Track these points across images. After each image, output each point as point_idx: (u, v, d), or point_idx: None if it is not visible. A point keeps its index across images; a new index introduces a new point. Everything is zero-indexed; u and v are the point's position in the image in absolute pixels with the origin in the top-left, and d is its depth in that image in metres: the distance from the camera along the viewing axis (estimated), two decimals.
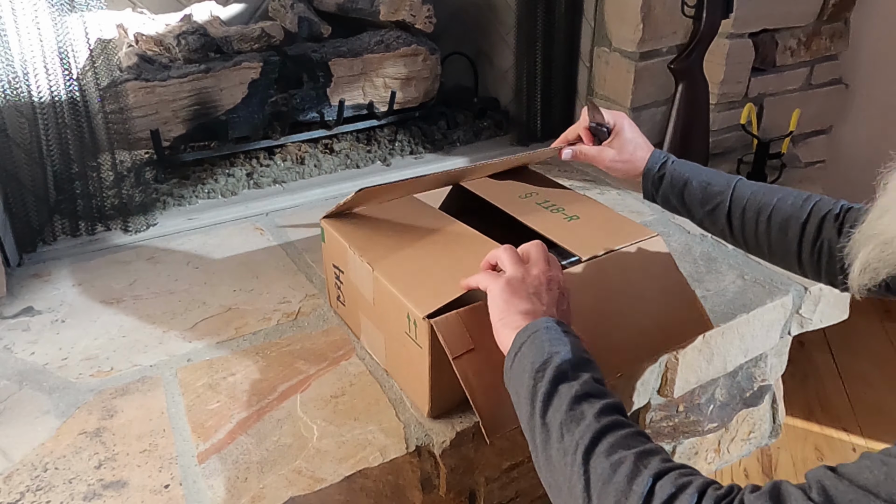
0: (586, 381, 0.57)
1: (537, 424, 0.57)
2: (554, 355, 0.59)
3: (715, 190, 0.84)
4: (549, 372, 0.58)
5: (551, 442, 0.55)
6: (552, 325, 0.62)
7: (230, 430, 0.76)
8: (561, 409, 0.55)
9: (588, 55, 1.52)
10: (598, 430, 0.52)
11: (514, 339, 0.63)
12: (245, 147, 1.38)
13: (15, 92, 1.02)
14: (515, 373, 0.61)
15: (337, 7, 1.57)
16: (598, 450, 0.52)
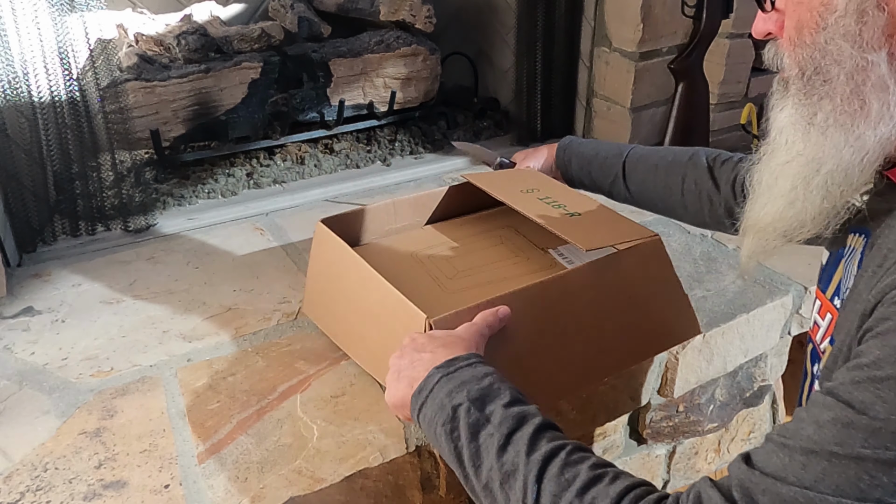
0: (500, 417, 0.55)
1: (478, 489, 0.55)
2: (457, 408, 0.56)
3: (611, 162, 0.93)
4: (463, 430, 0.55)
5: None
6: (442, 375, 0.59)
7: (230, 430, 0.76)
8: (492, 468, 0.53)
9: (588, 55, 1.52)
10: (534, 478, 0.51)
11: (411, 404, 0.61)
12: (245, 147, 1.38)
13: (15, 92, 1.02)
14: (431, 438, 0.59)
15: (337, 7, 1.57)
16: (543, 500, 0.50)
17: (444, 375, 0.59)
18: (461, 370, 0.59)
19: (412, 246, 0.96)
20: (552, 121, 1.57)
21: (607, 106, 1.51)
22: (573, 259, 0.92)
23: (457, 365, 0.60)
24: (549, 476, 0.51)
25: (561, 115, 1.58)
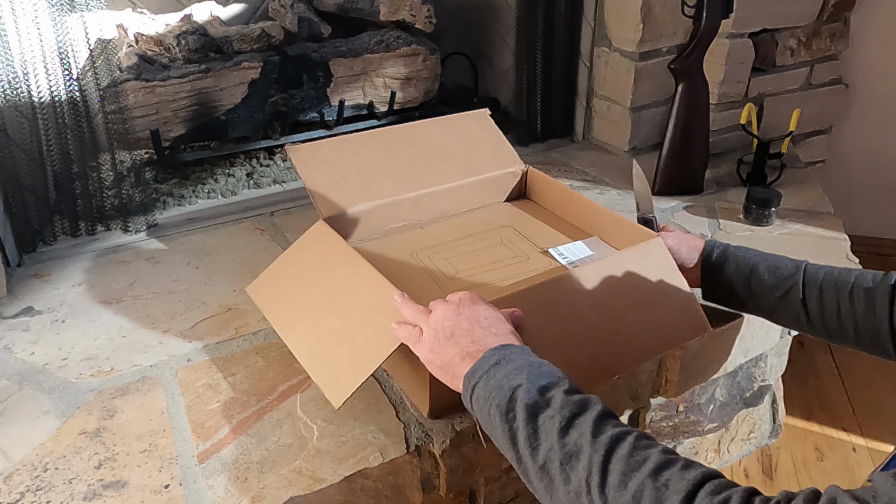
0: (561, 402, 0.54)
1: (531, 470, 0.53)
2: (516, 389, 0.56)
3: (785, 273, 0.78)
4: (520, 411, 0.54)
5: (556, 485, 0.52)
6: (500, 358, 0.59)
7: (230, 430, 0.76)
8: (553, 448, 0.52)
9: (588, 55, 1.52)
10: (602, 458, 0.50)
11: (464, 381, 0.60)
12: (245, 147, 1.38)
13: (15, 92, 1.02)
14: (482, 418, 0.58)
15: (337, 7, 1.57)
16: (610, 482, 0.49)
17: (503, 358, 0.59)
18: (519, 355, 0.59)
19: (412, 246, 0.96)
20: (552, 121, 1.57)
21: (607, 106, 1.51)
22: (573, 259, 0.92)
23: (514, 350, 0.60)
24: (617, 457, 0.50)
25: (561, 115, 1.58)
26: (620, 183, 1.37)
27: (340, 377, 0.71)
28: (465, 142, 1.05)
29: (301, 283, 0.85)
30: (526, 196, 1.10)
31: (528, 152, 1.53)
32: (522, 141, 1.56)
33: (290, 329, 0.81)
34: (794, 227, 1.19)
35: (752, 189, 1.20)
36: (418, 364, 0.74)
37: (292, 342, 0.80)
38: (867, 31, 1.59)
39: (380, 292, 0.76)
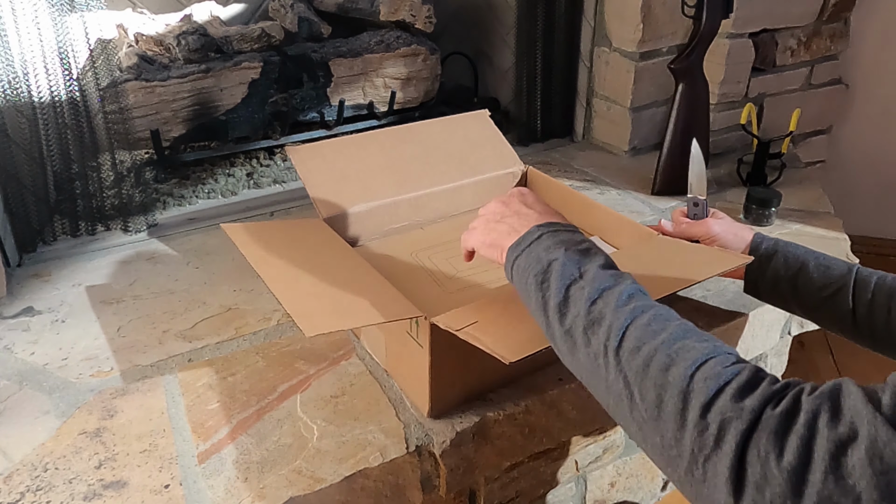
0: (594, 275, 0.56)
1: (557, 334, 0.56)
2: (553, 262, 0.58)
3: (835, 273, 0.76)
4: (554, 280, 0.57)
5: (578, 348, 0.54)
6: (543, 232, 0.62)
7: (230, 430, 0.76)
8: (579, 314, 0.54)
9: (588, 55, 1.52)
10: (621, 325, 0.51)
11: (506, 255, 0.64)
12: (245, 147, 1.38)
13: (15, 92, 1.02)
14: (520, 288, 0.62)
15: (337, 7, 1.57)
16: (627, 345, 0.50)
17: (546, 233, 0.62)
18: (562, 232, 0.62)
19: (412, 246, 0.96)
20: (552, 121, 1.57)
21: (607, 106, 1.51)
22: None
23: (558, 227, 0.63)
24: (636, 325, 0.51)
25: (561, 115, 1.58)
26: (620, 183, 1.37)
27: (319, 316, 0.68)
28: (465, 142, 1.05)
29: (289, 244, 0.83)
30: None
31: (528, 152, 1.53)
32: (522, 141, 1.56)
33: (268, 267, 0.77)
34: (794, 227, 1.19)
35: (752, 189, 1.20)
36: (418, 364, 0.74)
37: (269, 278, 0.75)
38: (867, 31, 1.59)
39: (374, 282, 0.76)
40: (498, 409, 0.78)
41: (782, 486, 0.40)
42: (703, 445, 0.44)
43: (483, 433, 0.77)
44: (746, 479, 0.41)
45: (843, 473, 0.38)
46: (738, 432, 0.42)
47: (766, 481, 0.40)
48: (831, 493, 0.38)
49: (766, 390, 0.44)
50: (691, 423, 0.45)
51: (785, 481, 0.40)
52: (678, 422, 0.45)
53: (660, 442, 0.47)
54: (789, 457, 0.40)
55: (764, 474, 0.41)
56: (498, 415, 0.78)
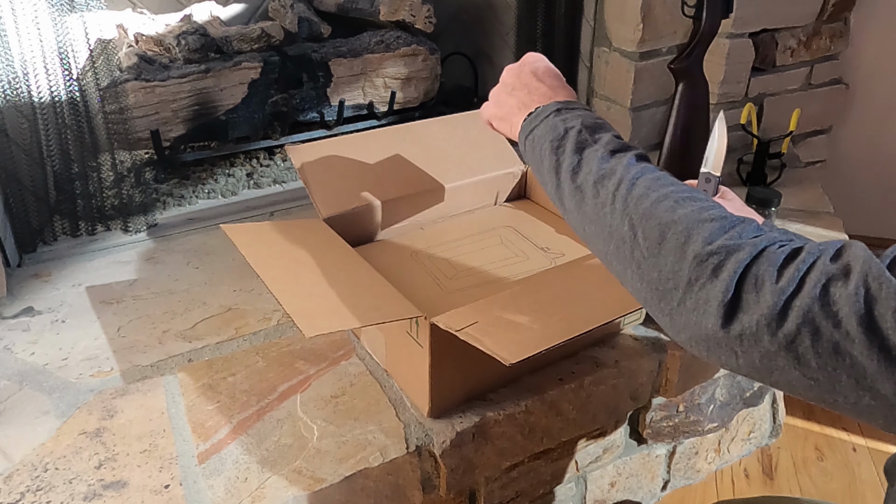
0: (608, 140, 0.58)
1: (567, 191, 0.57)
2: (570, 130, 0.60)
3: None
4: (569, 144, 0.59)
5: (586, 200, 0.55)
6: (561, 107, 0.63)
7: (230, 430, 0.76)
8: (591, 171, 0.56)
9: (588, 55, 1.52)
10: (632, 176, 0.53)
11: (522, 126, 0.65)
12: (245, 147, 1.38)
13: (15, 92, 1.02)
14: (533, 156, 0.63)
15: (337, 7, 1.57)
16: (636, 192, 0.51)
17: (563, 108, 0.63)
18: (578, 109, 0.63)
19: (412, 246, 0.96)
20: None
21: (607, 106, 1.51)
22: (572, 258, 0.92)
23: (574, 104, 0.64)
24: (646, 177, 0.53)
25: None
26: None
27: (318, 316, 0.68)
28: (464, 142, 1.05)
29: (289, 244, 0.83)
30: (526, 196, 1.10)
31: None
32: None
33: (268, 267, 0.77)
34: (795, 226, 1.19)
35: (752, 189, 1.20)
36: (418, 364, 0.74)
37: (269, 278, 0.75)
38: (867, 31, 1.59)
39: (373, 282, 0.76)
40: (498, 409, 0.78)
41: (770, 308, 0.41)
42: (700, 274, 0.45)
43: (483, 433, 0.77)
44: (740, 302, 0.42)
45: (829, 301, 0.39)
46: (738, 261, 0.43)
47: (756, 304, 0.42)
48: (815, 316, 0.39)
49: (771, 235, 0.45)
50: (691, 254, 0.45)
51: (773, 304, 0.41)
52: (678, 254, 0.46)
53: (657, 277, 0.47)
54: (783, 283, 0.41)
55: (756, 299, 0.42)
56: (498, 415, 0.78)
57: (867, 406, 0.39)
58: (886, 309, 0.38)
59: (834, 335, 0.39)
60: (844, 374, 0.39)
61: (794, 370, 0.41)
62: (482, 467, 0.80)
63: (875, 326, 0.38)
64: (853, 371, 0.39)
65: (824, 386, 0.40)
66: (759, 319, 0.41)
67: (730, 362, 0.44)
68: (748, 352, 0.42)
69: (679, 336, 0.47)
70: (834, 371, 0.39)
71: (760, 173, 1.34)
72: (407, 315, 0.70)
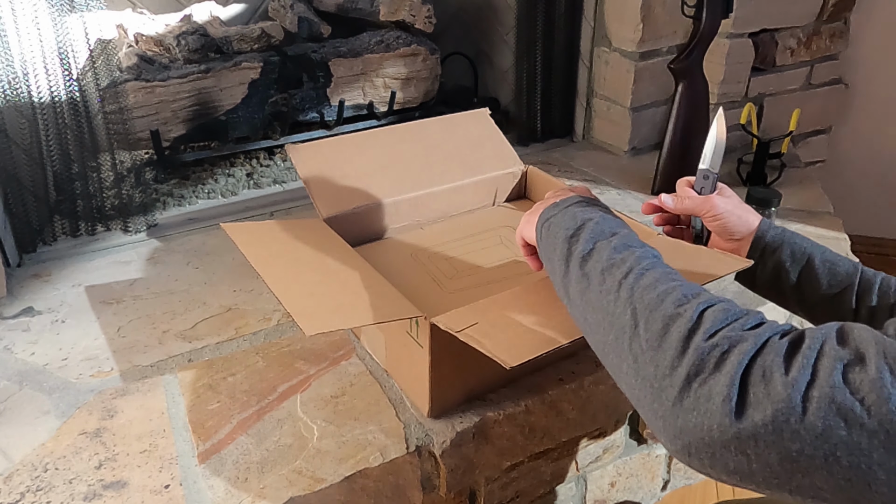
0: (625, 234, 0.58)
1: (573, 278, 0.56)
2: (587, 221, 0.60)
3: (841, 272, 0.72)
4: (585, 234, 0.58)
5: (591, 287, 0.54)
6: (581, 200, 0.65)
7: (230, 430, 0.76)
8: (601, 259, 0.54)
9: (588, 55, 1.52)
10: (642, 268, 0.51)
11: (540, 214, 0.66)
12: (245, 147, 1.38)
13: (15, 92, 1.02)
14: (547, 243, 0.62)
15: (337, 7, 1.57)
16: (643, 283, 0.50)
17: (585, 201, 0.65)
18: (600, 205, 0.66)
19: (412, 246, 0.96)
20: (552, 121, 1.57)
21: (607, 106, 1.51)
22: None
23: (597, 202, 0.67)
24: (656, 270, 0.52)
25: (561, 115, 1.58)
26: (620, 183, 1.37)
27: (319, 315, 0.68)
28: (465, 142, 1.05)
29: (289, 244, 0.83)
30: (526, 196, 1.10)
31: (528, 152, 1.53)
32: (522, 141, 1.56)
33: (268, 266, 0.77)
34: (795, 226, 1.19)
35: (752, 189, 1.20)
36: (418, 364, 0.74)
37: (269, 277, 0.74)
38: (867, 31, 1.59)
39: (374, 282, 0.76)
40: (498, 409, 0.78)
41: (786, 401, 0.38)
42: (701, 369, 0.42)
43: (483, 433, 0.77)
44: (748, 397, 0.39)
45: (851, 388, 0.37)
46: (741, 353, 0.41)
47: (768, 398, 0.38)
48: (839, 406, 0.36)
49: (773, 325, 0.44)
50: (693, 347, 0.43)
51: (788, 397, 0.38)
52: (679, 348, 0.43)
53: (653, 372, 0.44)
54: (794, 373, 0.38)
55: (767, 392, 0.38)
56: (498, 415, 0.78)
57: None
58: None
59: (868, 425, 0.36)
60: (882, 471, 0.36)
61: (822, 471, 0.37)
62: (482, 467, 0.80)
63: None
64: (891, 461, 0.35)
65: (857, 486, 0.36)
66: (776, 415, 0.37)
67: (740, 469, 0.40)
68: (763, 454, 0.38)
69: (676, 443, 0.42)
70: (868, 469, 0.36)
71: (760, 173, 1.35)
72: (407, 315, 0.70)
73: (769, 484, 0.39)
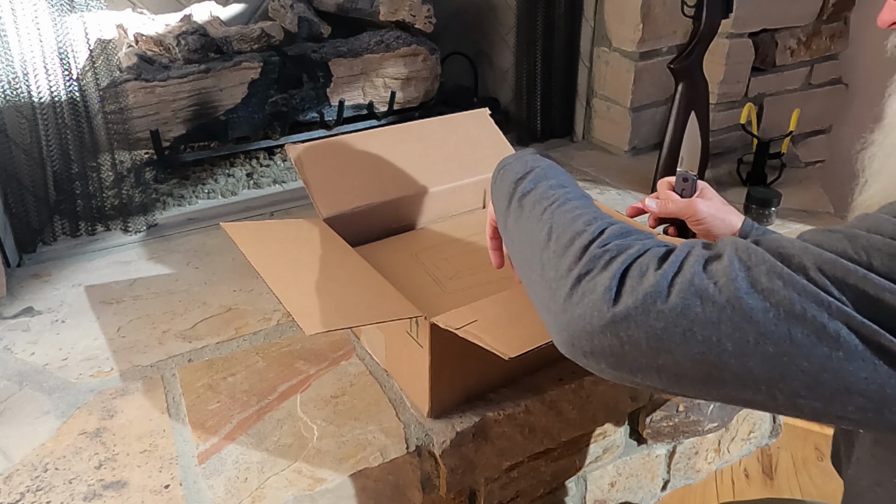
0: (565, 180, 0.61)
1: (512, 210, 0.60)
2: (536, 167, 0.63)
3: None
4: (531, 177, 0.62)
5: (523, 215, 0.58)
6: (536, 152, 0.67)
7: (230, 430, 0.76)
8: (537, 194, 0.59)
9: (588, 55, 1.52)
10: (567, 199, 0.56)
11: (498, 163, 0.68)
12: (245, 147, 1.38)
13: (15, 92, 1.02)
14: (497, 187, 0.66)
15: (337, 7, 1.57)
16: (564, 209, 0.55)
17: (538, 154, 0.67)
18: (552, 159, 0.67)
19: (412, 246, 0.96)
20: (552, 121, 1.57)
21: (607, 106, 1.51)
22: None
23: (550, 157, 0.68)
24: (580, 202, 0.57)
25: (561, 115, 1.58)
26: (620, 183, 1.37)
27: (319, 314, 0.68)
28: (465, 142, 1.05)
29: (289, 243, 0.83)
30: None
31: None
32: (522, 141, 1.56)
33: (268, 266, 0.77)
34: (794, 226, 1.19)
35: (752, 189, 1.20)
36: (418, 364, 0.74)
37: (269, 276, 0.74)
38: (867, 31, 1.59)
39: (374, 282, 0.76)
40: (498, 409, 0.78)
41: (654, 286, 0.43)
42: (590, 269, 0.47)
43: (483, 433, 0.77)
44: (624, 288, 0.45)
45: (707, 275, 0.42)
46: (627, 256, 0.47)
47: (640, 286, 0.44)
48: (696, 288, 0.42)
49: (661, 242, 0.49)
50: (588, 253, 0.48)
51: (657, 283, 0.43)
52: (578, 255, 0.49)
53: (553, 275, 0.50)
54: (665, 267, 0.44)
55: (640, 282, 0.44)
56: (498, 415, 0.78)
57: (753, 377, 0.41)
58: (759, 273, 0.41)
59: (718, 301, 0.41)
60: (729, 342, 0.41)
61: (681, 347, 0.42)
62: (482, 467, 0.80)
63: (753, 289, 0.41)
64: (736, 333, 0.41)
65: (710, 358, 0.42)
66: (645, 298, 0.43)
67: (615, 351, 0.45)
68: (634, 334, 0.43)
69: (562, 335, 0.47)
70: (718, 342, 0.41)
71: (760, 173, 1.35)
72: (407, 314, 0.70)
73: (639, 365, 0.44)
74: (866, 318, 0.39)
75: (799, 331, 0.39)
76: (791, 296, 0.40)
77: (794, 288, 0.40)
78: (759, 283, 0.41)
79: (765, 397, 0.42)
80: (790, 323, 0.39)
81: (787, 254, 0.42)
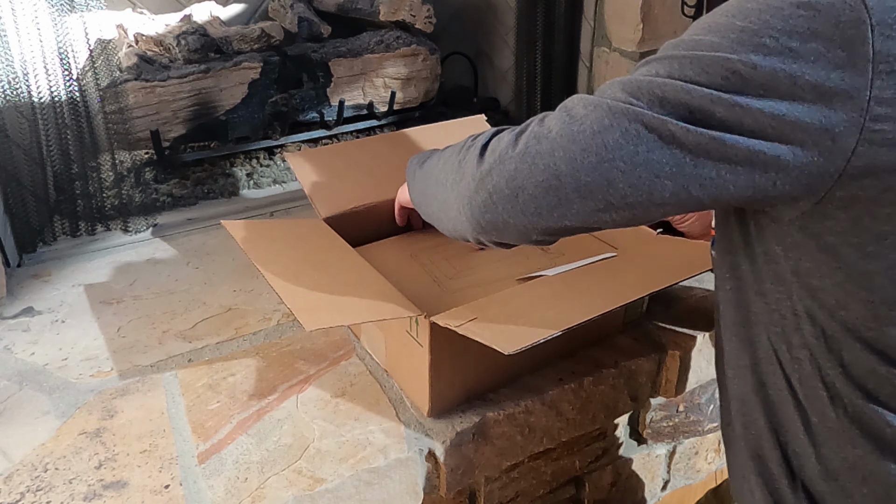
0: None
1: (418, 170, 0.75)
2: (438, 150, 0.73)
3: None
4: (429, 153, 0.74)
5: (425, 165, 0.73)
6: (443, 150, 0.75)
7: (230, 430, 0.76)
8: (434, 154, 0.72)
9: (588, 55, 1.52)
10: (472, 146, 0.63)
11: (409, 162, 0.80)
12: (245, 147, 1.38)
13: (15, 92, 1.02)
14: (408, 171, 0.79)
15: (337, 7, 1.57)
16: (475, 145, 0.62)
17: None
18: None
19: (412, 246, 0.96)
20: None
21: None
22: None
23: None
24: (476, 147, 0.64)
25: None
26: None
27: (319, 311, 0.69)
28: None
29: (289, 242, 0.84)
30: None
31: None
32: None
33: (268, 263, 0.77)
34: None
35: None
36: (418, 363, 0.74)
37: (269, 273, 0.75)
38: None
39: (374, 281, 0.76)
40: (498, 409, 0.78)
41: (507, 143, 0.56)
42: (467, 153, 0.61)
43: (483, 433, 0.77)
44: (486, 152, 0.58)
45: (542, 123, 0.55)
46: (490, 134, 0.61)
47: (497, 146, 0.57)
48: (534, 133, 0.54)
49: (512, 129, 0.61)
50: (466, 146, 0.63)
51: (510, 140, 0.56)
52: (462, 153, 0.63)
53: (453, 177, 0.63)
54: (516, 130, 0.57)
55: (498, 143, 0.58)
56: (498, 415, 0.78)
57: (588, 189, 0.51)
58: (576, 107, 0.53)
59: (550, 136, 0.53)
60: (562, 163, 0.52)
61: (529, 180, 0.54)
62: (482, 467, 0.80)
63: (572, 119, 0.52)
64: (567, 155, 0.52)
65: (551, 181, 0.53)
66: (500, 153, 0.56)
67: (488, 205, 0.57)
68: (496, 182, 0.56)
69: (464, 213, 0.60)
70: (554, 165, 0.52)
71: None
72: (407, 313, 0.70)
73: (507, 211, 0.56)
74: (657, 113, 0.48)
75: (609, 138, 0.49)
76: (598, 114, 0.50)
77: (601, 108, 0.50)
78: (576, 115, 0.52)
79: (604, 206, 0.52)
80: (602, 135, 0.49)
81: (600, 88, 0.53)
